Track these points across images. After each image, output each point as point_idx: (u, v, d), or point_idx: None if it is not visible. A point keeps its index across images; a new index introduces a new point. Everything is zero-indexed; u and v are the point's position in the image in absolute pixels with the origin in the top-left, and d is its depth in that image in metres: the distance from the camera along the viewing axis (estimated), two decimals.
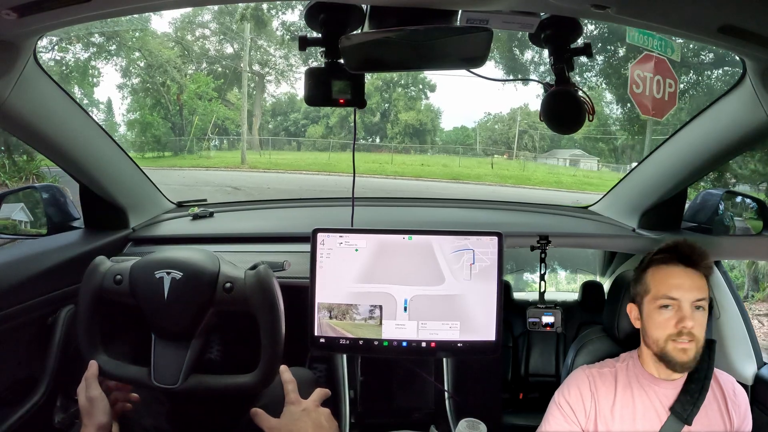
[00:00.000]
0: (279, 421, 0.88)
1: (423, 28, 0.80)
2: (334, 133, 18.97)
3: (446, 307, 1.09)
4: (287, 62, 17.75)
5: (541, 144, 19.04)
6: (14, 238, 1.40)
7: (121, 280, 0.94)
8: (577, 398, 1.04)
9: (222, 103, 16.84)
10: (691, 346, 0.98)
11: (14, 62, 0.90)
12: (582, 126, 0.92)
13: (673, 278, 1.01)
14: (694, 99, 12.93)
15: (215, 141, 17.04)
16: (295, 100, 19.66)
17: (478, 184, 14.49)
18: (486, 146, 19.39)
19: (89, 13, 0.77)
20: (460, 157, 18.23)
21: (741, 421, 1.03)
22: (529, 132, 18.96)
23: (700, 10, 0.73)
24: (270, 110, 19.32)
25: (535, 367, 1.89)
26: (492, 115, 20.12)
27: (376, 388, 1.31)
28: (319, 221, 1.23)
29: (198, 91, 15.98)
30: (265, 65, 17.85)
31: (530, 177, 15.79)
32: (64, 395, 1.21)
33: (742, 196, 1.43)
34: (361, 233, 1.11)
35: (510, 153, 18.93)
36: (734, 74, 6.98)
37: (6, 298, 1.05)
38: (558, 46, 0.89)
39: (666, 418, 0.99)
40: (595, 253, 2.26)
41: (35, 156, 8.84)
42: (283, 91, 19.51)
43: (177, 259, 0.94)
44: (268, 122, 19.29)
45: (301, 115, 19.51)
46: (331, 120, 18.92)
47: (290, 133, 19.37)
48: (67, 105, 1.14)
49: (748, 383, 1.25)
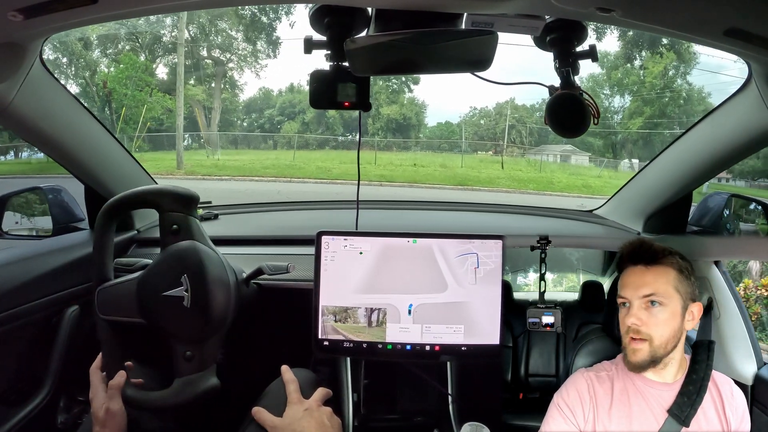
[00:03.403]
0: (282, 421, 0.88)
1: (428, 32, 0.80)
2: (310, 129, 18.09)
3: (450, 311, 1.10)
4: (252, 47, 15.59)
5: (530, 139, 18.42)
6: (20, 238, 1.40)
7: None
8: (575, 400, 1.04)
9: (164, 93, 14.00)
10: (642, 346, 0.99)
11: (20, 64, 0.91)
12: (587, 130, 0.92)
13: (626, 277, 1.05)
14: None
15: (160, 139, 14.02)
16: (270, 96, 18.86)
17: (493, 191, 12.37)
18: (471, 142, 18.66)
19: (96, 14, 0.77)
20: (462, 155, 16.50)
21: (738, 422, 1.03)
22: (517, 127, 18.38)
23: (705, 14, 0.73)
24: (244, 106, 18.27)
25: (535, 367, 1.88)
26: (477, 109, 19.50)
27: (379, 391, 1.31)
28: (324, 224, 1.23)
29: (121, 76, 12.82)
30: (227, 50, 15.68)
31: (551, 180, 13.98)
32: (67, 396, 1.21)
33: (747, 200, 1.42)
34: (366, 236, 1.11)
35: (497, 149, 18.12)
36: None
37: (11, 297, 1.06)
38: (563, 50, 0.89)
39: (664, 420, 0.99)
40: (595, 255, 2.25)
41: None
42: (246, 80, 17.97)
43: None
44: (242, 120, 18.26)
45: (276, 111, 18.66)
46: (307, 116, 18.00)
47: (265, 130, 18.47)
48: (72, 106, 1.14)
49: (748, 383, 1.24)
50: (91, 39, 13.28)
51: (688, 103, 16.24)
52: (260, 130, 18.36)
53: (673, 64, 15.66)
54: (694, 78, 16.12)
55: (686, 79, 16.32)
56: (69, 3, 0.73)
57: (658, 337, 0.99)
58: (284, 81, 24.80)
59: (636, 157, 16.68)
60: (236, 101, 17.65)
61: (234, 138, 17.10)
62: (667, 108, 16.21)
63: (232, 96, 17.05)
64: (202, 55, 15.00)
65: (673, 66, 15.77)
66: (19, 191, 1.40)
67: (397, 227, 1.19)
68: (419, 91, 18.54)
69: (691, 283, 1.03)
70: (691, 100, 16.28)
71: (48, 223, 1.38)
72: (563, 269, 2.73)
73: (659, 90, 16.06)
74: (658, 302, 0.99)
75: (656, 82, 15.94)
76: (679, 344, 1.03)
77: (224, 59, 15.78)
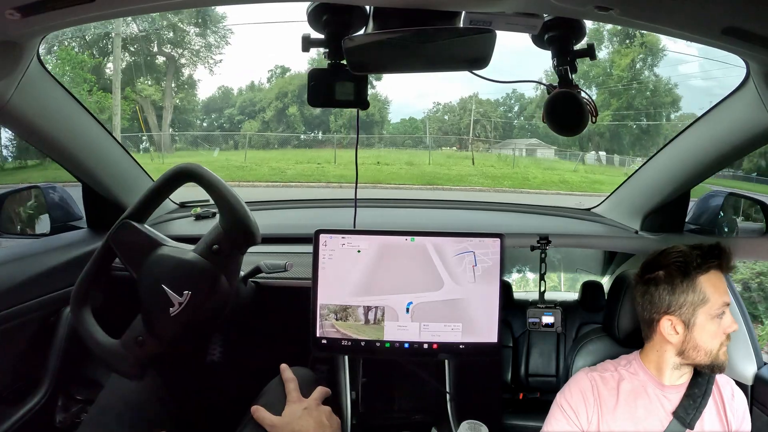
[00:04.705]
0: (281, 419, 0.88)
1: (426, 30, 0.80)
2: (270, 128, 17.44)
3: (448, 309, 1.10)
4: (204, 41, 14.63)
5: (494, 134, 18.22)
6: (18, 237, 1.40)
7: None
8: (579, 400, 1.03)
9: (107, 91, 12.84)
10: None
11: (18, 62, 0.91)
12: (585, 128, 0.92)
13: (723, 283, 0.98)
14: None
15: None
16: (231, 95, 18.15)
17: (466, 189, 11.42)
18: (436, 137, 18.22)
19: (93, 13, 0.77)
20: (430, 152, 15.68)
21: (739, 423, 1.03)
22: (482, 122, 18.14)
23: (704, 12, 0.73)
24: (203, 106, 17.50)
25: (535, 367, 1.88)
26: (441, 105, 19.19)
27: (378, 389, 1.31)
28: (322, 223, 1.23)
29: (58, 72, 11.48)
30: (178, 45, 14.63)
31: (526, 176, 13.25)
32: (65, 395, 1.21)
33: (744, 198, 1.42)
34: (364, 235, 1.11)
35: (461, 144, 17.83)
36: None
37: (8, 297, 1.06)
38: (561, 48, 0.89)
39: (668, 423, 0.99)
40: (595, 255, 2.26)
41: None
42: (201, 77, 17.25)
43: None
44: (202, 120, 17.51)
45: (236, 110, 17.98)
46: (267, 114, 17.41)
47: (224, 130, 17.68)
48: (70, 105, 1.14)
49: (748, 383, 1.24)
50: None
51: (656, 94, 16.34)
52: (220, 130, 17.71)
53: (640, 56, 15.74)
54: (660, 70, 16.32)
55: (653, 71, 16.43)
56: (66, 1, 0.73)
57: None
58: (245, 79, 24.16)
59: (603, 149, 16.72)
60: (194, 101, 17.00)
61: (194, 139, 16.32)
62: (635, 100, 16.21)
63: (189, 95, 16.46)
64: (153, 51, 14.28)
65: (641, 58, 15.85)
66: (16, 190, 1.40)
67: (396, 225, 1.19)
68: (382, 87, 17.98)
69: None
70: (659, 91, 16.35)
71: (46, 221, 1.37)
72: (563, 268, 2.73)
73: (626, 82, 16.06)
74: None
75: (623, 75, 15.95)
76: None
77: (176, 55, 14.98)
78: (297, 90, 17.32)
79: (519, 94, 18.74)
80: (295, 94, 17.27)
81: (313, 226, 1.12)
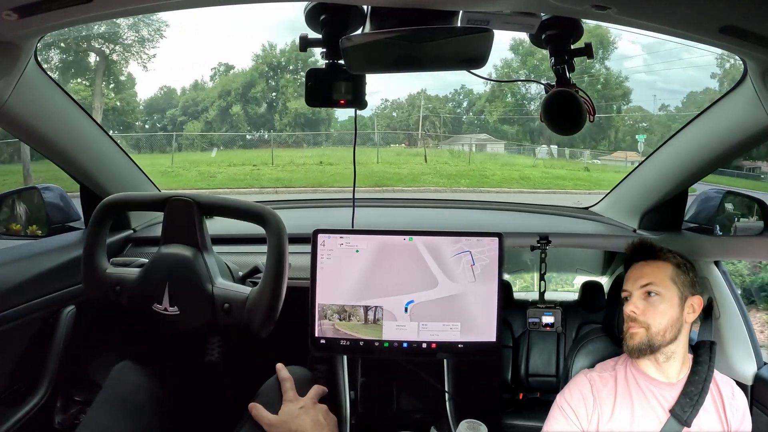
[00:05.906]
0: (278, 418, 0.88)
1: (424, 29, 0.80)
2: (214, 128, 16.75)
3: (446, 308, 1.10)
4: (137, 34, 13.45)
5: (443, 129, 18.15)
6: (15, 238, 1.39)
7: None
8: (578, 401, 1.04)
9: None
10: (638, 330, 1.02)
11: (15, 63, 0.90)
12: (582, 127, 0.92)
13: (629, 274, 1.09)
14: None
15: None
16: (173, 95, 17.44)
17: (420, 191, 10.43)
18: (384, 133, 17.93)
19: (90, 13, 0.77)
20: (378, 149, 14.70)
21: (739, 423, 1.03)
22: (431, 118, 18.08)
23: (701, 11, 0.73)
24: (145, 106, 16.69)
25: (535, 367, 1.88)
26: (390, 101, 18.87)
27: (376, 389, 1.31)
28: (320, 222, 1.23)
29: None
30: (110, 41, 13.49)
31: (484, 173, 12.39)
32: (64, 396, 1.21)
33: (742, 196, 1.42)
34: (362, 234, 1.10)
35: (410, 141, 17.62)
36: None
37: (7, 298, 1.05)
38: (559, 47, 0.89)
39: (666, 420, 1.00)
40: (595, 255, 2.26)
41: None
42: (138, 75, 16.20)
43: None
44: (145, 121, 16.64)
45: (178, 110, 17.13)
46: (210, 114, 16.71)
47: (167, 131, 16.50)
48: (67, 105, 1.14)
49: (748, 383, 1.24)
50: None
51: (606, 87, 16.50)
52: (163, 131, 16.68)
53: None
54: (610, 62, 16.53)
55: (604, 64, 16.56)
56: (64, 2, 0.72)
57: (655, 325, 1.01)
58: (189, 78, 23.28)
59: (555, 142, 16.64)
60: (134, 101, 16.15)
61: (136, 141, 15.56)
62: (586, 93, 16.43)
63: (128, 96, 15.74)
64: (83, 47, 13.41)
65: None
66: (13, 191, 1.39)
67: (394, 225, 1.19)
68: None
69: (690, 278, 1.06)
70: (609, 84, 16.55)
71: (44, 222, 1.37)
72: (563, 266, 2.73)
73: (577, 75, 16.31)
74: (655, 292, 1.03)
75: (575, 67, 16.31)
76: (681, 337, 1.03)
77: (107, 50, 13.92)
78: (240, 88, 16.78)
79: (468, 89, 18.62)
80: (239, 92, 16.73)
81: (311, 226, 1.12)
